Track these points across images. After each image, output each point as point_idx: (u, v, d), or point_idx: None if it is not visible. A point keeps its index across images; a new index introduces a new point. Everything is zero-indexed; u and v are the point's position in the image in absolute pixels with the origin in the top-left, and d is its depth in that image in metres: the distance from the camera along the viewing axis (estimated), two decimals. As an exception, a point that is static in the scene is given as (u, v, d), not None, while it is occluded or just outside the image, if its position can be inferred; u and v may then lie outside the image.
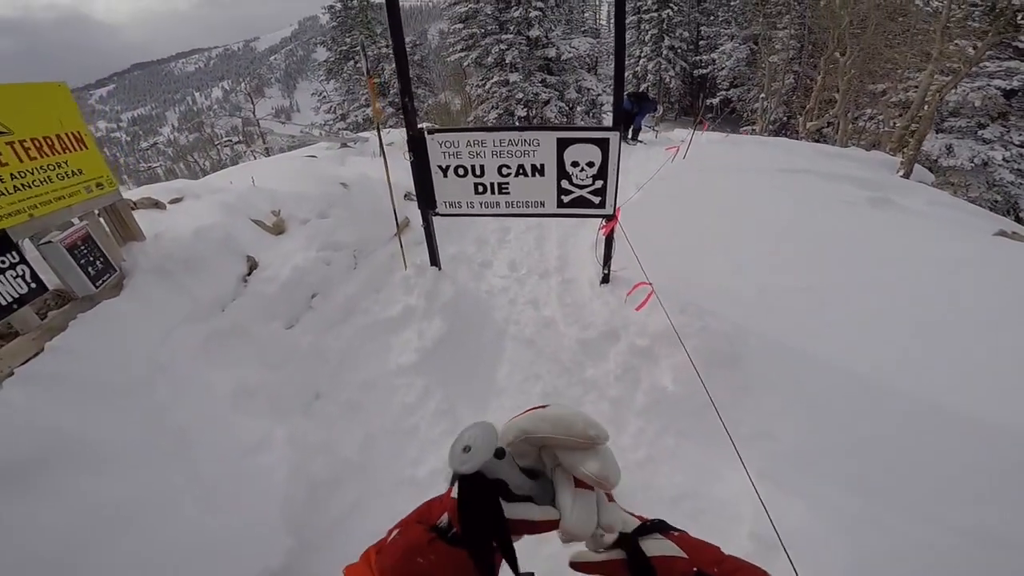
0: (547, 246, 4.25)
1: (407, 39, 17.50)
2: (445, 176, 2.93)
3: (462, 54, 18.92)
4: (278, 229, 3.47)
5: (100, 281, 2.25)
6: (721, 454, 2.25)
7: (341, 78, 20.32)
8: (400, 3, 2.52)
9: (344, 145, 6.45)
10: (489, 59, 18.27)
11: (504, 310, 3.57)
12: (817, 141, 17.43)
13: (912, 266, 3.56)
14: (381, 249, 4.01)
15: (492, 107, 18.26)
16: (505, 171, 2.83)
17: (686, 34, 28.86)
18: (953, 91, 11.86)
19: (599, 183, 2.80)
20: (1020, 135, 14.84)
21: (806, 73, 23.69)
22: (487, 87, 18.18)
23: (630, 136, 8.75)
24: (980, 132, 14.83)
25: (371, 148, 6.16)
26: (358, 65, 19.03)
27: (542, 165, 2.76)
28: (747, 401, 2.58)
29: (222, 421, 2.18)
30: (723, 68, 26.75)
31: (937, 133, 14.38)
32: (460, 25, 19.23)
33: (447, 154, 2.83)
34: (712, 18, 29.04)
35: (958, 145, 14.52)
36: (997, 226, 5.53)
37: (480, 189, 2.94)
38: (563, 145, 2.67)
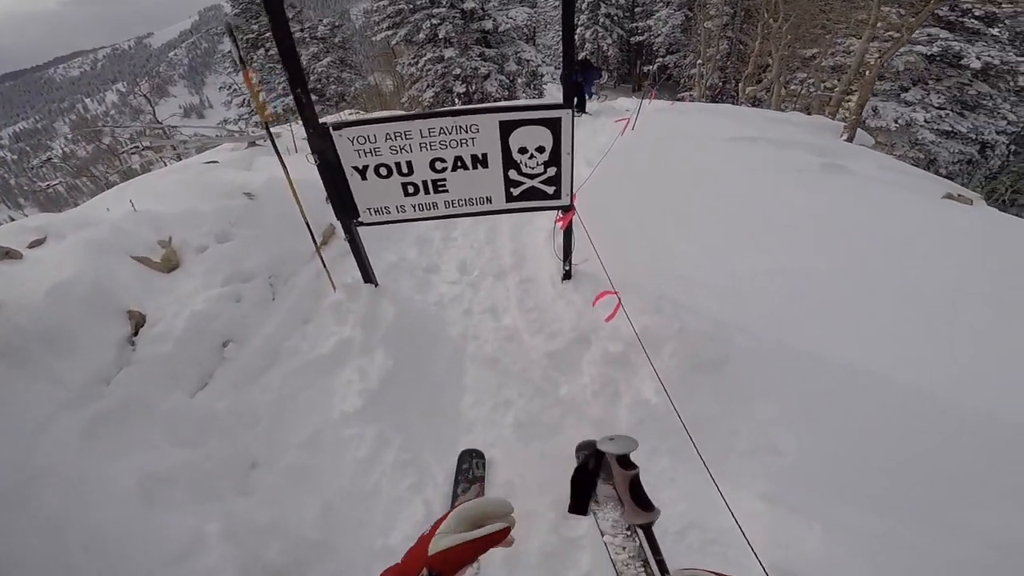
0: (500, 240, 3.80)
1: (324, 20, 16.16)
2: (364, 178, 2.40)
3: (389, 32, 17.72)
4: (169, 264, 2.84)
5: None
6: (723, 473, 1.92)
7: (252, 68, 18.47)
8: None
9: (252, 144, 5.67)
10: (420, 35, 17.20)
11: (459, 323, 3.12)
12: (754, 106, 17.73)
13: (877, 236, 3.38)
14: (304, 269, 3.43)
15: (428, 85, 17.28)
16: (440, 166, 2.34)
17: (622, 1, 28.52)
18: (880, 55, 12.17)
19: (552, 170, 2.37)
20: (939, 97, 15.75)
21: (739, 39, 24.00)
22: (420, 65, 17.17)
23: (576, 107, 8.31)
24: (903, 95, 15.55)
25: (285, 143, 5.44)
26: (270, 53, 17.45)
27: (484, 155, 2.29)
28: (741, 410, 2.29)
29: (136, 524, 1.70)
30: (659, 35, 26.74)
31: (848, 94, 14.84)
32: (385, 2, 17.99)
33: (363, 152, 2.30)
34: (647, -16, 28.71)
35: (883, 107, 15.23)
36: (943, 189, 5.57)
37: (411, 190, 2.45)
38: (507, 129, 2.21)
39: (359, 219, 2.62)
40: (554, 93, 16.89)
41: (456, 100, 16.83)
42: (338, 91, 18.84)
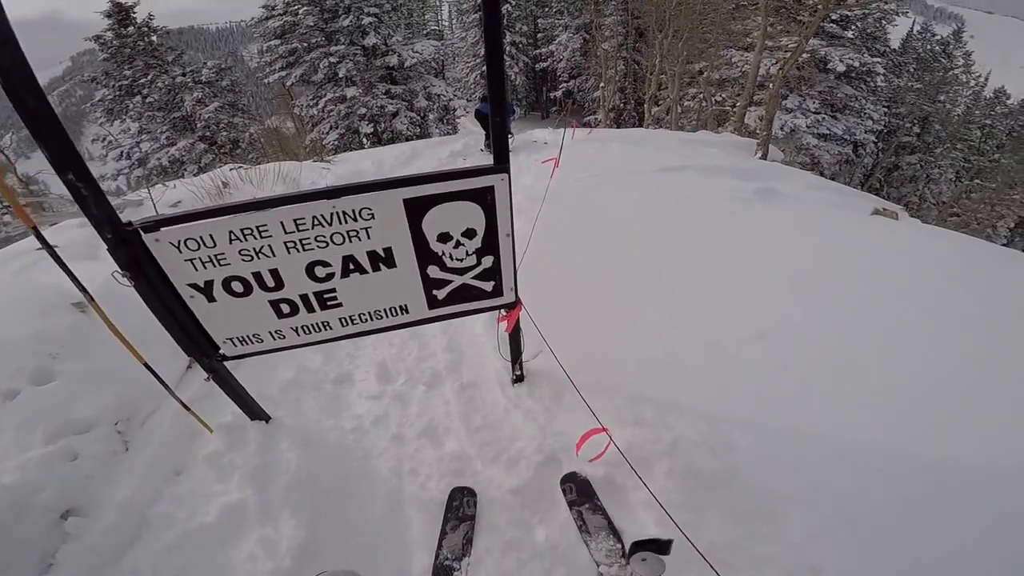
0: (427, 331, 2.99)
1: (209, 64, 14.71)
2: (211, 299, 1.56)
3: (283, 73, 16.53)
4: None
5: None
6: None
7: (129, 116, 16.52)
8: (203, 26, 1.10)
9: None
10: (318, 75, 16.16)
11: (389, 455, 2.31)
12: (658, 126, 18.49)
13: (835, 270, 3.08)
14: (167, 403, 2.47)
15: (331, 127, 16.17)
16: (322, 272, 1.55)
17: (525, 28, 29.25)
18: (754, 64, 13.07)
19: (488, 260, 1.66)
20: (814, 103, 17.39)
21: (634, 59, 25.32)
22: (321, 106, 16.08)
23: (488, 144, 7.87)
24: (784, 102, 16.91)
25: (142, 214, 4.32)
26: (148, 100, 15.60)
27: (387, 250, 1.53)
28: (764, 529, 1.76)
29: None
30: (561, 60, 27.58)
31: (749, 106, 15.97)
32: (277, 41, 16.82)
33: (200, 262, 1.46)
34: (547, 9, 29.49)
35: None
36: (869, 204, 5.64)
37: (285, 309, 1.63)
38: (417, 210, 1.47)
39: (221, 355, 1.76)
40: (469, 127, 16.45)
41: (364, 141, 15.89)
42: (230, 137, 17.21)
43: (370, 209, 1.41)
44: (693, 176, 5.30)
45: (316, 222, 1.41)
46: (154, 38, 15.82)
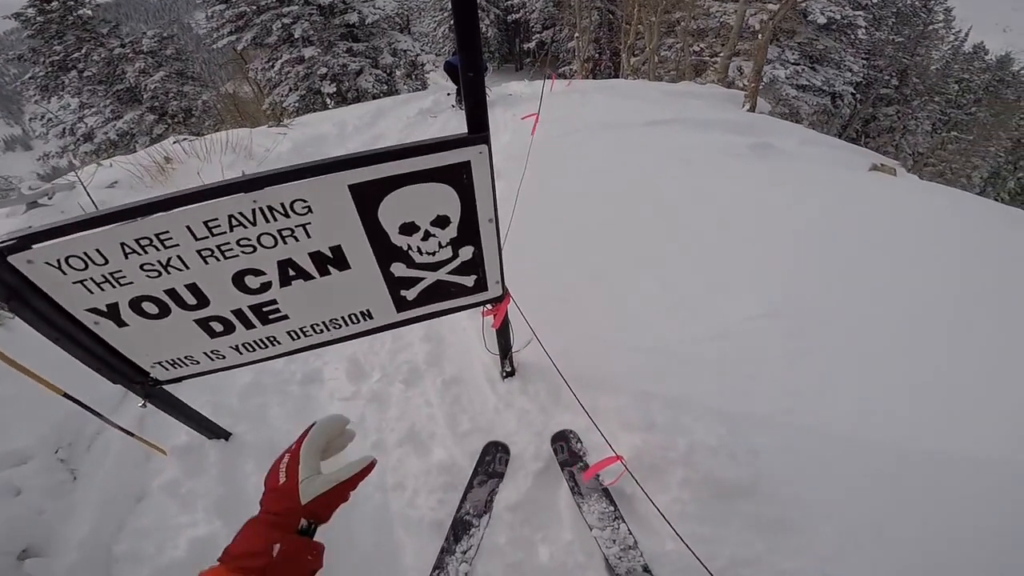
0: (403, 321, 2.68)
1: (149, 33, 13.50)
2: (121, 324, 1.23)
3: (231, 38, 15.23)
4: None
5: None
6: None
7: (67, 92, 15.26)
8: None
9: (34, 204, 3.95)
10: (272, 37, 14.94)
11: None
12: (635, 77, 17.80)
13: (846, 237, 2.89)
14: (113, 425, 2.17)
15: (290, 89, 15.08)
16: (254, 282, 1.21)
17: (496, -22, 27.59)
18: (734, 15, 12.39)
19: (468, 250, 1.33)
20: (793, 54, 16.99)
21: (608, 8, 24.12)
22: (278, 69, 14.92)
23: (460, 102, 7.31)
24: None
25: (76, 199, 3.84)
26: (86, 74, 14.38)
27: (336, 248, 1.19)
28: (792, 542, 1.59)
29: None
30: (533, 11, 26.21)
31: (733, 57, 15.41)
32: (222, 6, 15.40)
33: (94, 283, 1.12)
34: (518, -43, 27.82)
35: (747, 66, 15.97)
36: (866, 160, 5.39)
37: (217, 328, 1.30)
38: (369, 197, 1.12)
39: (152, 380, 1.44)
40: (440, 83, 15.48)
41: (327, 101, 14.89)
42: (182, 106, 16.08)
43: (304, 201, 1.06)
44: (684, 130, 4.95)
45: (235, 223, 1.06)
46: (86, 11, 14.45)
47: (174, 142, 4.93)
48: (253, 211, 1.05)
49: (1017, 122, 19.51)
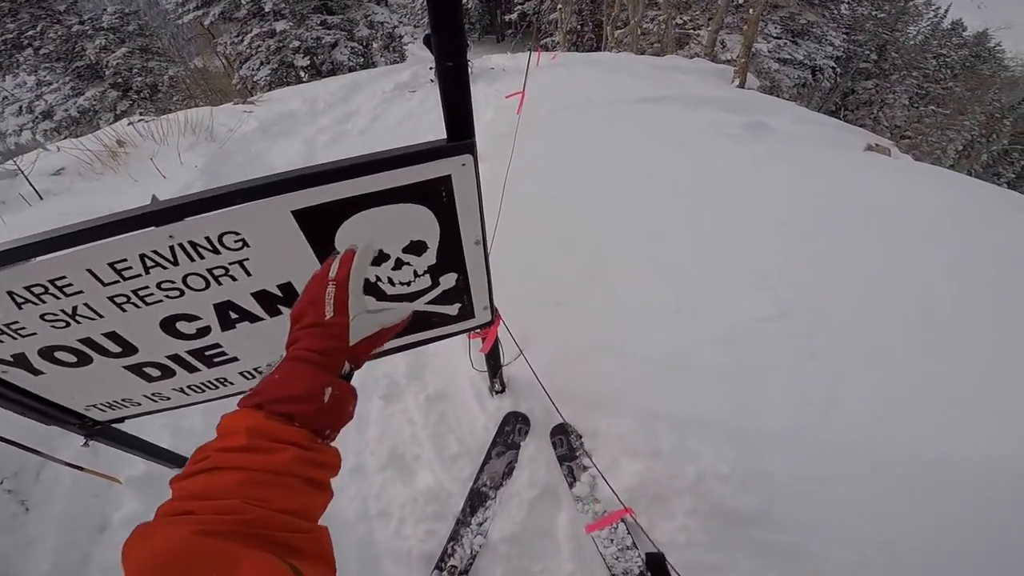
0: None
1: (109, 9, 12.72)
2: (35, 373, 1.03)
3: (197, 12, 14.34)
4: None
5: None
6: None
7: (23, 70, 14.40)
8: None
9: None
10: (241, 11, 14.13)
11: (352, 495, 1.89)
12: (619, 49, 17.32)
13: (849, 226, 2.74)
14: (60, 451, 1.96)
15: (261, 63, 14.32)
16: (188, 327, 0.99)
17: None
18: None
19: (450, 278, 1.12)
20: (776, 28, 16.75)
21: (592, -23, 23.20)
22: (248, 42, 14.12)
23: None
24: (743, 27, 16.13)
25: (17, 189, 3.51)
26: (43, 52, 13.60)
27: (286, 287, 0.97)
28: (807, 567, 1.50)
29: None
30: (515, -21, 25.16)
31: (720, 31, 15.03)
32: (187, -21, 14.47)
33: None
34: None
35: (730, 40, 15.53)
36: (861, 139, 5.22)
37: (154, 373, 1.10)
38: (321, 225, 0.89)
39: (91, 423, 1.24)
40: (419, 54, 14.79)
41: (301, 74, 14.18)
42: (147, 82, 15.33)
43: (237, 234, 0.83)
44: (676, 108, 4.70)
45: (150, 263, 0.84)
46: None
47: (129, 123, 4.54)
48: (171, 248, 0.82)
49: (991, 97, 19.74)
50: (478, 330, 1.38)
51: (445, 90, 0.82)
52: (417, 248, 1.00)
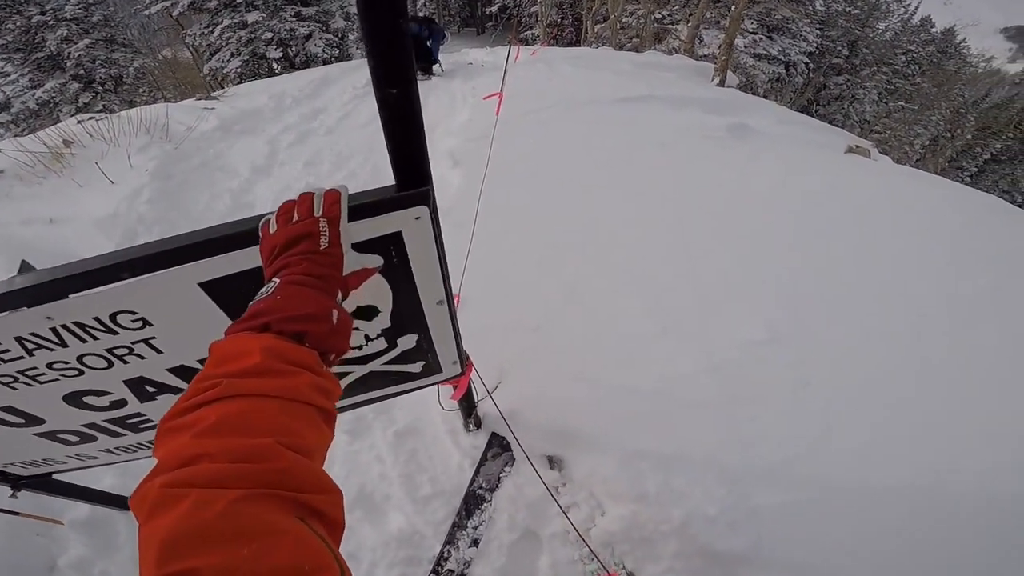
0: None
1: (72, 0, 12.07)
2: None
3: (166, 2, 13.74)
4: None
5: None
6: None
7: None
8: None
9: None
10: (212, 2, 13.57)
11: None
12: (598, 44, 17.22)
13: (835, 233, 2.65)
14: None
15: (232, 54, 13.79)
16: (99, 401, 0.85)
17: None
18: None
19: (410, 339, 0.98)
20: (752, 23, 16.84)
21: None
22: (218, 33, 13.58)
23: (421, 71, 6.61)
24: (721, 22, 16.16)
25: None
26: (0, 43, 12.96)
27: (205, 360, 0.84)
28: None
29: None
30: (495, -29, 24.77)
31: (699, 27, 15.01)
32: (154, -30, 13.85)
33: None
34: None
35: (707, 35, 15.58)
36: (842, 140, 5.19)
37: (71, 439, 0.95)
38: (240, 295, 0.72)
39: (15, 477, 1.10)
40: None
41: (274, 66, 13.70)
42: (111, 74, 14.71)
43: (133, 313, 0.69)
44: (659, 108, 4.60)
45: (31, 346, 0.69)
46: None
47: (79, 121, 4.23)
48: (53, 331, 0.67)
49: (956, 93, 20.29)
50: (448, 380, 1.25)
51: (389, 126, 0.67)
52: (367, 313, 0.86)
